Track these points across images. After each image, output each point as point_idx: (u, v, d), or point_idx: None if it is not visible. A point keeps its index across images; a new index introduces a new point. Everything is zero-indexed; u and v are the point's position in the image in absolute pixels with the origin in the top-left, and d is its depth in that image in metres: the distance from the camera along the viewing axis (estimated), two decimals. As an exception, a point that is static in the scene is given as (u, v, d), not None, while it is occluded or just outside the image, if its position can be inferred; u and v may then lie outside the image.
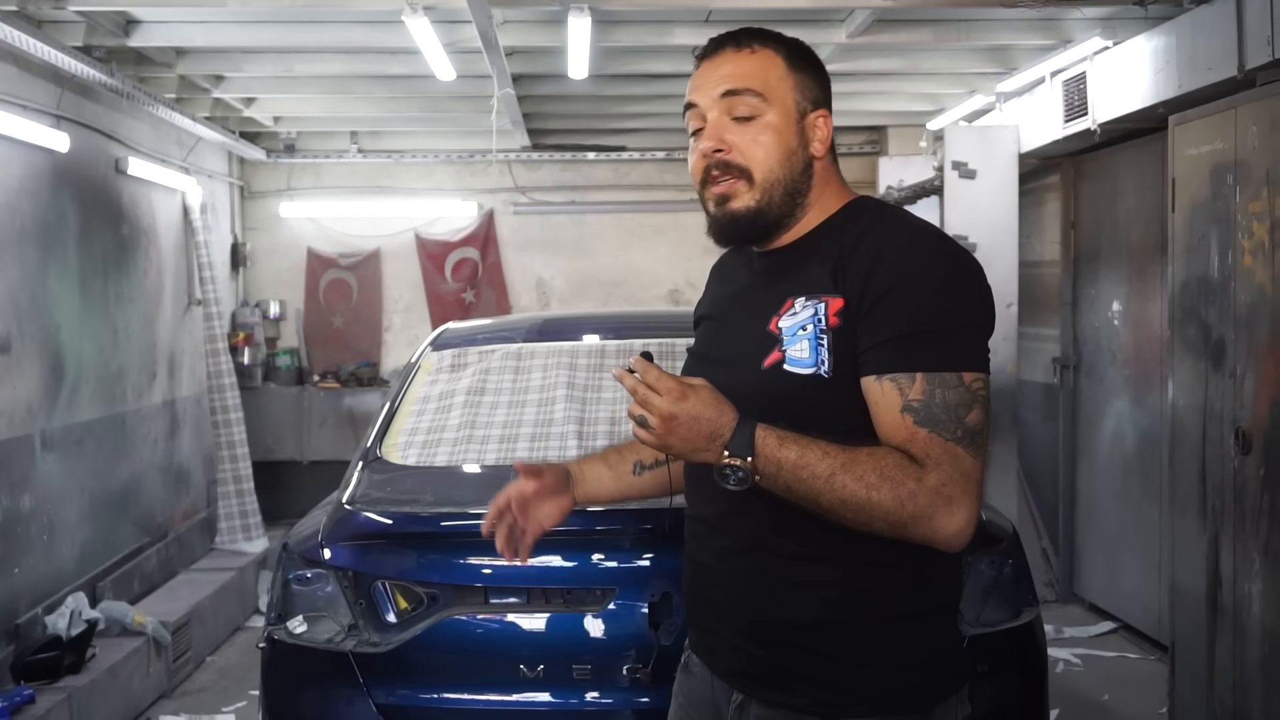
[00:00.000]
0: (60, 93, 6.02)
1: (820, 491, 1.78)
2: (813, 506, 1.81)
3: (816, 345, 1.88)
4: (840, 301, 1.88)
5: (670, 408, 1.77)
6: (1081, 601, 7.16)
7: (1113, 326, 6.77)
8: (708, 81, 1.99)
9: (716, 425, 1.78)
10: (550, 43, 6.01)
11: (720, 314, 2.15)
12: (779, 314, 1.93)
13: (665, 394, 1.77)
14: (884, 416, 1.83)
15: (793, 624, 1.92)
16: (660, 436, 1.79)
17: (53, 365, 5.91)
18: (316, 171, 9.90)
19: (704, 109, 1.99)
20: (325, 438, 9.54)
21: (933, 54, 6.70)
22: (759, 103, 1.96)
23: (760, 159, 1.96)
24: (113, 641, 5.61)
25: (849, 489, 1.77)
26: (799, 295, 1.93)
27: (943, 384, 1.82)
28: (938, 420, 1.80)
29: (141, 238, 7.24)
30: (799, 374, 1.89)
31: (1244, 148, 4.43)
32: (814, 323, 1.89)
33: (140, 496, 7.08)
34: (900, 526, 1.79)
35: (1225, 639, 4.57)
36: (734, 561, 1.99)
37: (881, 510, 1.77)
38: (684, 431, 1.78)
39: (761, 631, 1.95)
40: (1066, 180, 7.27)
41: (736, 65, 1.98)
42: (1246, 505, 4.41)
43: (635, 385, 1.79)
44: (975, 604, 3.08)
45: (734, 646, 2.00)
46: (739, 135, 1.96)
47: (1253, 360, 4.38)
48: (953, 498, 1.78)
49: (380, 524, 3.22)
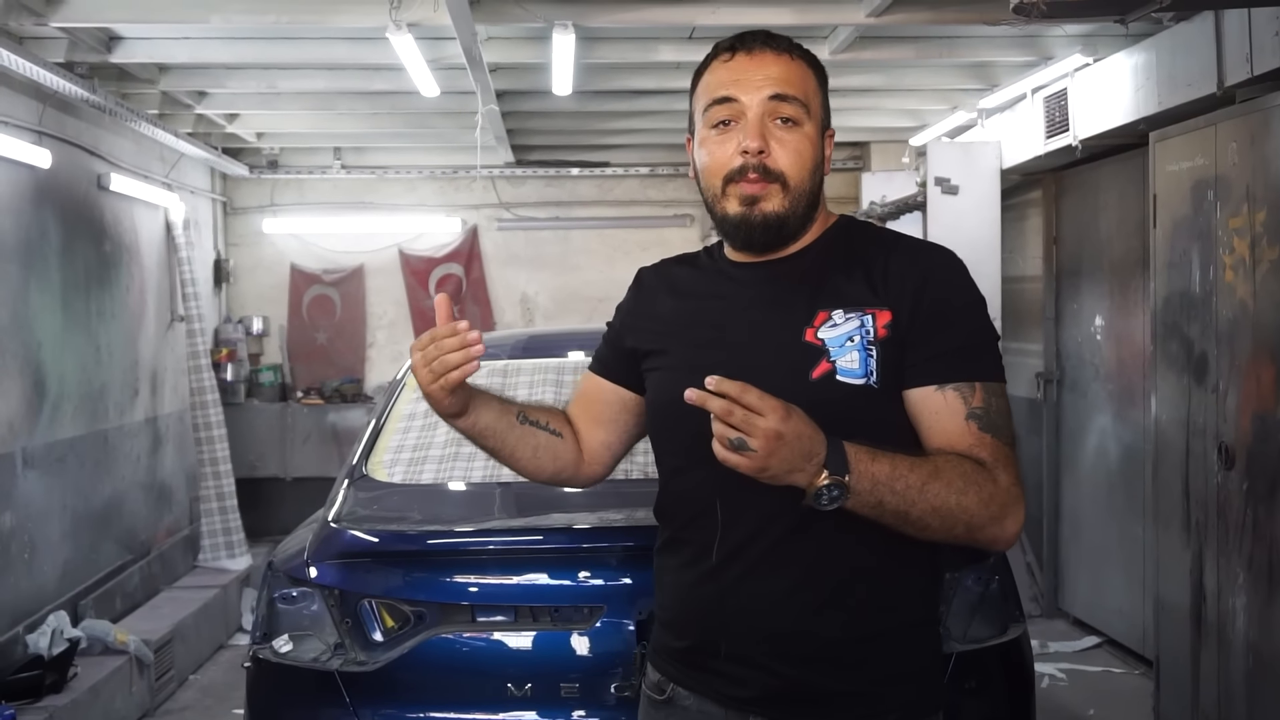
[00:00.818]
0: (42, 109, 6.00)
1: (914, 502, 1.78)
2: (897, 519, 1.80)
3: (866, 356, 1.89)
4: (889, 314, 1.90)
5: (778, 426, 1.67)
6: (1066, 616, 7.17)
7: (1095, 341, 6.80)
8: (751, 79, 1.95)
9: (814, 443, 1.72)
10: (534, 59, 6.02)
11: (711, 334, 2.02)
12: (813, 325, 1.92)
13: (770, 413, 1.67)
14: (947, 424, 1.88)
15: (825, 640, 1.92)
16: (762, 460, 1.68)
17: (34, 382, 5.88)
18: (300, 187, 9.89)
19: (745, 106, 1.94)
20: (309, 454, 9.51)
21: (915, 70, 6.73)
22: (801, 111, 1.96)
23: (797, 167, 1.95)
24: (95, 660, 5.58)
25: (941, 496, 1.79)
26: (834, 307, 1.93)
27: (995, 393, 1.90)
28: (996, 426, 1.88)
29: (124, 254, 7.21)
30: (851, 384, 1.89)
31: (1224, 164, 4.46)
32: (861, 334, 1.90)
33: (122, 514, 7.05)
34: (979, 529, 1.84)
35: (1210, 653, 4.58)
36: (761, 584, 1.93)
37: (967, 514, 1.82)
38: (787, 452, 1.69)
39: (792, 652, 1.92)
40: (1048, 196, 7.31)
41: (784, 70, 1.96)
42: (1230, 520, 4.43)
43: (728, 408, 1.67)
44: (962, 620, 3.08)
45: (760, 670, 1.94)
46: (781, 142, 1.94)
47: (1235, 375, 4.40)
48: (1018, 497, 1.88)
49: (366, 542, 3.21)
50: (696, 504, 1.98)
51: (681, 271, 2.17)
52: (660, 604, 2.13)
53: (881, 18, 5.11)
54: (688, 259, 2.19)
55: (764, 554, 1.92)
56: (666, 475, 2.10)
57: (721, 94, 1.96)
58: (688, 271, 2.16)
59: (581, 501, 3.47)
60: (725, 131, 1.96)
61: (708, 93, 1.99)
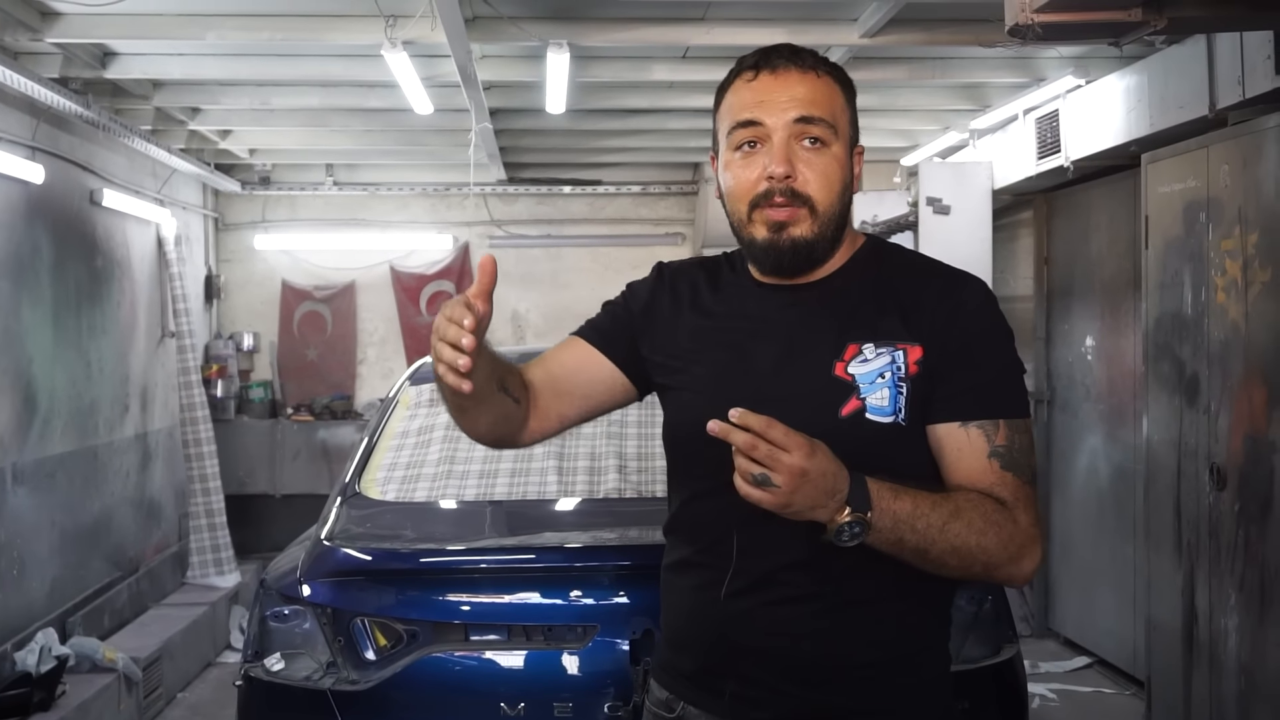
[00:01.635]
0: (36, 124, 5.99)
1: (933, 541, 1.77)
2: (916, 556, 1.79)
3: (896, 394, 1.86)
4: (919, 350, 1.87)
5: (804, 464, 1.64)
6: (1057, 636, 7.17)
7: (1086, 361, 6.82)
8: (776, 100, 1.89)
9: (837, 480, 1.69)
10: (528, 77, 6.03)
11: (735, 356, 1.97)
12: (843, 359, 1.88)
13: (795, 450, 1.64)
14: (970, 462, 1.85)
15: (839, 666, 1.90)
16: (786, 496, 1.65)
17: (25, 398, 5.86)
18: (291, 204, 9.88)
19: (771, 128, 1.88)
20: (298, 471, 9.48)
21: (908, 91, 6.76)
22: (829, 132, 1.91)
23: (825, 191, 1.90)
24: (83, 678, 5.54)
25: (961, 536, 1.78)
26: (865, 340, 1.88)
27: (1019, 430, 1.87)
28: (1018, 464, 1.86)
29: (115, 270, 7.20)
30: (880, 423, 1.85)
31: (1216, 186, 4.48)
32: (892, 370, 1.86)
33: (111, 530, 7.02)
34: (996, 568, 1.83)
35: (1201, 674, 4.58)
36: (786, 609, 1.89)
37: (986, 555, 1.80)
38: (810, 489, 1.66)
39: (808, 678, 1.90)
40: (1040, 216, 7.33)
41: (810, 90, 1.90)
42: (1221, 541, 4.44)
43: (753, 442, 1.63)
44: (956, 640, 3.06)
45: (775, 692, 1.90)
46: (807, 164, 1.89)
47: (1226, 396, 4.41)
48: (1036, 538, 1.85)
49: (359, 560, 3.19)
50: (714, 531, 1.93)
51: (705, 283, 2.08)
52: (668, 623, 2.08)
53: (875, 38, 5.14)
54: (710, 266, 2.11)
55: (779, 585, 1.89)
56: (684, 496, 2.04)
57: (745, 116, 1.90)
58: (711, 284, 2.08)
59: (575, 520, 3.47)
60: (750, 154, 1.90)
61: (731, 114, 1.93)
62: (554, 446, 3.66)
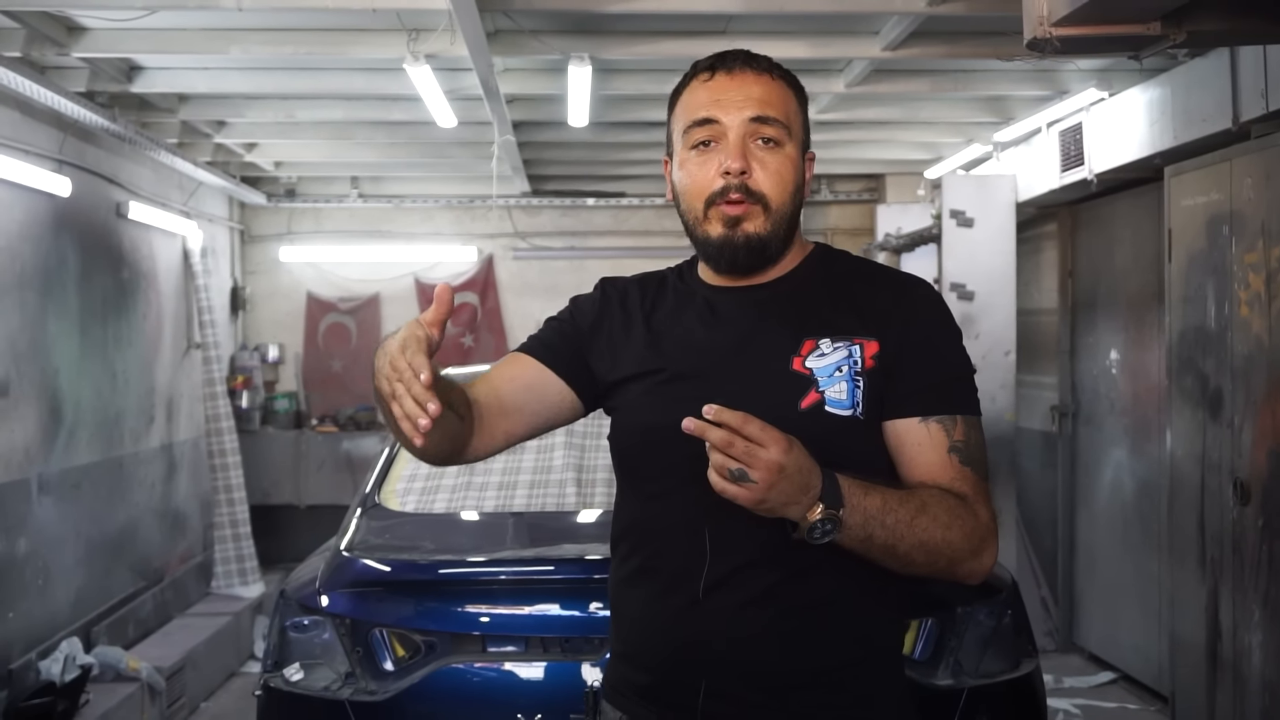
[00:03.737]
0: (63, 138, 6.05)
1: (902, 536, 1.78)
2: (884, 552, 1.79)
3: (853, 387, 1.87)
4: (876, 346, 1.89)
5: (781, 459, 1.64)
6: (1081, 651, 7.13)
7: (1110, 375, 6.79)
8: (732, 99, 1.92)
9: (811, 476, 1.69)
10: (551, 90, 6.05)
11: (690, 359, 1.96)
12: (801, 354, 1.89)
13: (772, 445, 1.64)
14: (929, 456, 1.87)
15: (805, 670, 1.88)
16: (762, 492, 1.65)
17: (51, 409, 5.91)
18: (317, 216, 9.94)
19: (727, 127, 1.91)
20: (323, 482, 9.51)
21: (930, 103, 6.75)
22: (783, 134, 1.93)
23: (778, 189, 1.92)
24: (107, 687, 5.58)
25: (928, 531, 1.79)
26: (822, 336, 1.90)
27: (974, 426, 1.91)
28: (975, 460, 1.89)
29: (141, 281, 7.26)
30: (839, 415, 1.87)
31: (1239, 199, 4.46)
32: (849, 364, 1.88)
33: (136, 541, 7.06)
34: (960, 563, 1.85)
35: (1225, 690, 4.55)
36: (742, 615, 1.86)
37: (952, 549, 1.82)
38: (786, 485, 1.66)
39: (773, 683, 1.87)
40: (1064, 229, 7.31)
41: (765, 90, 1.93)
42: (1245, 556, 4.41)
43: (728, 438, 1.63)
44: (974, 655, 3.07)
45: (738, 702, 1.87)
46: (763, 163, 1.91)
47: (1250, 410, 4.39)
48: (994, 530, 1.88)
49: (378, 571, 3.21)
50: (672, 532, 1.91)
51: (652, 294, 2.09)
52: (621, 638, 2.02)
53: (897, 51, 5.14)
54: (655, 280, 2.12)
55: (746, 585, 1.86)
56: (638, 502, 1.99)
57: (702, 115, 1.93)
58: (659, 295, 2.08)
59: (593, 532, 3.47)
60: (706, 153, 1.93)
61: (687, 113, 1.96)
62: (574, 458, 3.67)
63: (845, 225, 9.62)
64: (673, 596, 1.90)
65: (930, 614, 3.05)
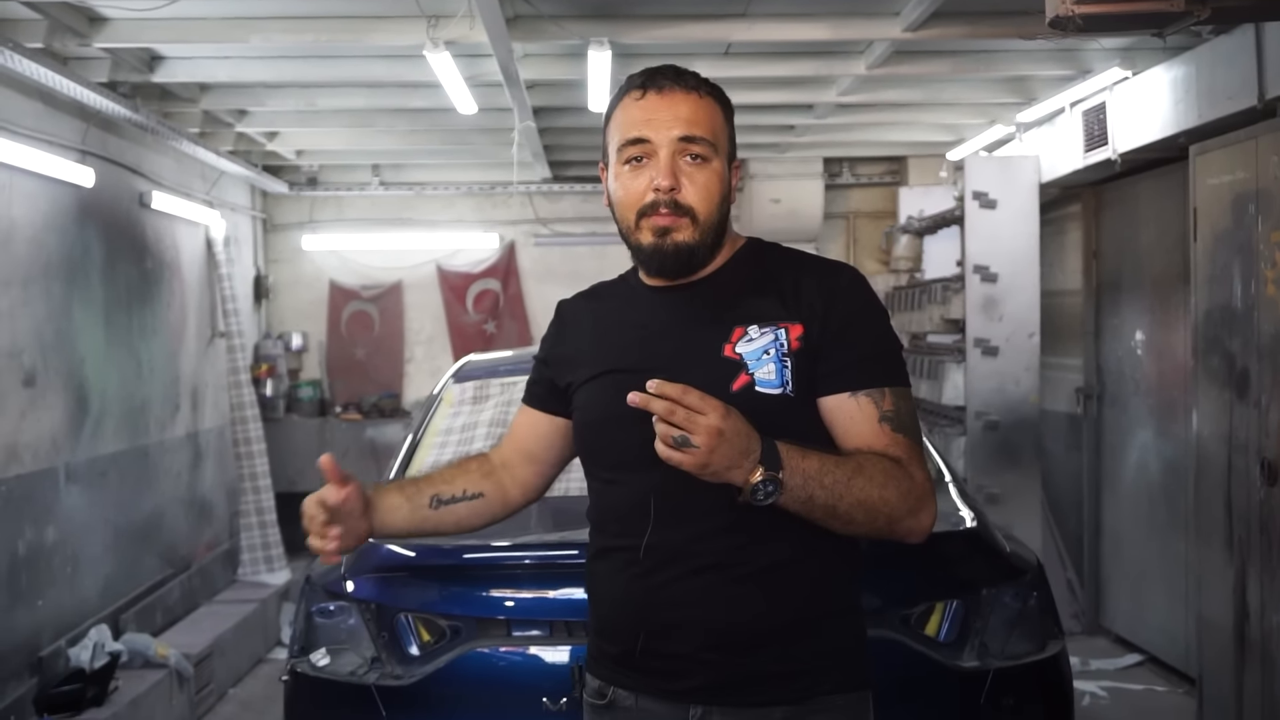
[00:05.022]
0: (86, 128, 6.08)
1: (840, 496, 1.91)
2: (825, 513, 1.92)
3: (781, 367, 2.01)
4: (800, 328, 2.03)
5: (719, 424, 1.80)
6: (1107, 633, 7.10)
7: (1136, 356, 6.75)
8: (662, 119, 2.06)
9: (750, 441, 1.85)
10: (571, 76, 6.04)
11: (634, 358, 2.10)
12: (730, 341, 2.04)
13: (711, 412, 1.80)
14: (862, 428, 2.01)
15: (766, 630, 2.02)
16: (705, 455, 1.80)
17: (77, 398, 5.95)
18: (338, 204, 9.96)
19: (657, 145, 2.06)
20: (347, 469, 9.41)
21: (952, 85, 6.71)
22: (710, 149, 2.07)
23: (705, 202, 2.06)
24: (135, 674, 5.62)
25: (865, 490, 1.92)
26: (749, 323, 2.04)
27: (903, 396, 2.05)
28: (906, 427, 2.02)
29: (165, 271, 7.29)
30: (769, 394, 2.01)
31: (1266, 177, 4.42)
32: (775, 346, 2.02)
33: (163, 529, 7.11)
34: (897, 521, 1.97)
35: (1253, 672, 4.53)
36: (702, 579, 2.01)
37: (889, 507, 1.94)
38: (727, 448, 1.81)
39: (736, 642, 2.01)
40: (1088, 209, 7.27)
41: (693, 110, 2.07)
42: (1273, 536, 4.38)
43: (670, 408, 1.79)
44: (1000, 636, 3.06)
45: (702, 663, 2.02)
46: (691, 179, 2.06)
47: (1277, 390, 4.35)
48: (930, 491, 2.01)
49: (403, 556, 3.22)
50: (627, 510, 2.07)
51: (600, 301, 2.28)
52: (594, 613, 2.20)
53: (918, 33, 5.11)
54: (605, 288, 2.31)
55: (694, 552, 2.02)
56: (599, 488, 2.17)
57: (634, 134, 2.08)
58: (607, 299, 2.27)
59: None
60: (638, 168, 2.08)
61: (620, 131, 2.11)
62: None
63: (867, 208, 9.58)
64: (630, 569, 2.07)
65: (956, 596, 3.04)
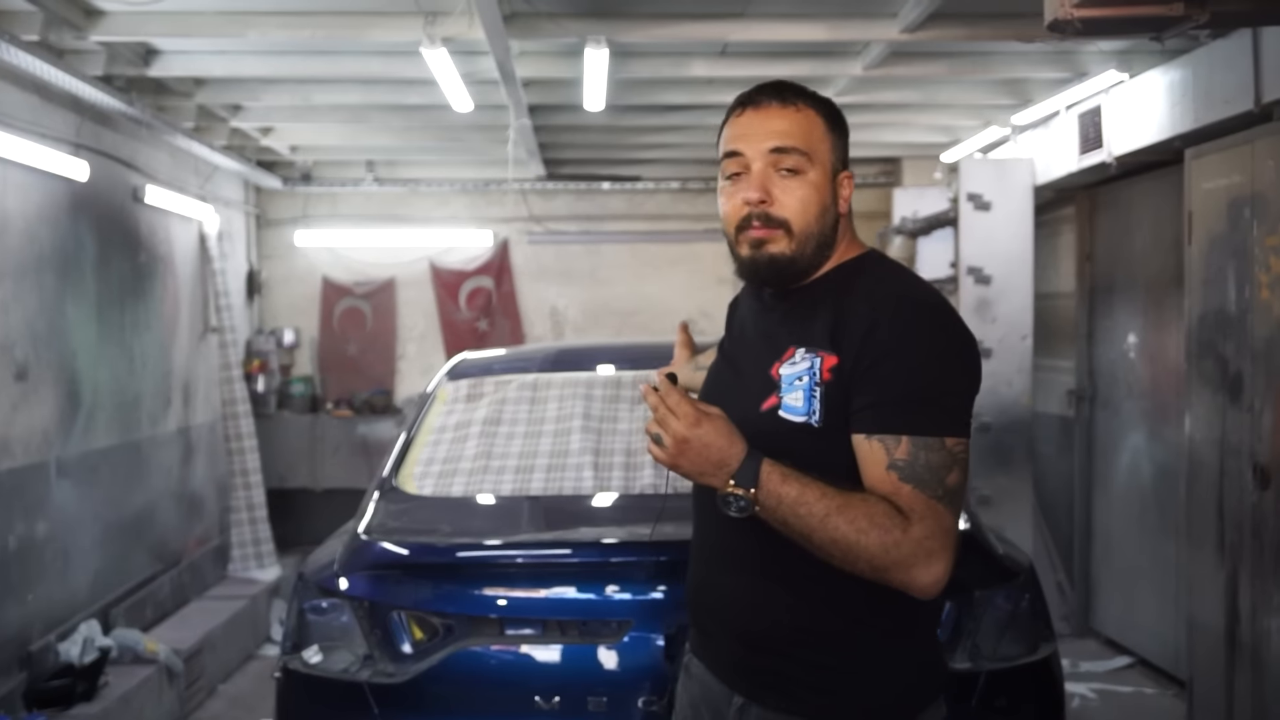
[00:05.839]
0: (80, 122, 6.06)
1: (814, 529, 1.92)
2: (803, 541, 1.94)
3: (810, 396, 2.03)
4: (834, 359, 2.02)
5: (685, 432, 1.91)
6: (1098, 636, 7.11)
7: (1129, 359, 6.76)
8: (755, 133, 2.09)
9: (725, 455, 1.92)
10: (567, 74, 6.04)
11: (732, 351, 2.29)
12: (780, 360, 2.08)
13: (682, 418, 1.92)
14: (870, 471, 1.97)
15: (787, 637, 2.06)
16: (671, 456, 1.93)
17: (69, 392, 5.93)
18: (333, 200, 9.95)
19: (750, 159, 2.09)
20: (339, 466, 9.55)
21: (948, 86, 6.72)
22: (804, 161, 2.08)
23: (800, 214, 2.08)
24: (125, 669, 5.61)
25: (840, 530, 1.91)
26: (800, 346, 2.07)
27: (926, 447, 1.95)
28: (921, 479, 1.94)
29: (158, 265, 7.28)
30: (791, 420, 2.04)
31: (1261, 181, 4.43)
32: (809, 375, 2.04)
33: (154, 524, 7.09)
34: (882, 571, 1.92)
35: (1244, 675, 4.53)
36: (732, 578, 2.13)
37: (867, 554, 1.91)
38: (694, 455, 1.92)
39: (759, 643, 2.08)
40: (1082, 212, 7.27)
41: (785, 122, 2.09)
42: (1265, 541, 4.39)
43: (657, 404, 1.93)
44: (992, 639, 3.06)
45: (734, 653, 2.13)
46: (783, 190, 2.08)
47: (1271, 394, 4.36)
48: (933, 551, 1.92)
49: (396, 554, 3.22)
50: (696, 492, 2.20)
51: (744, 297, 2.36)
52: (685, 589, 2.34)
53: (915, 34, 5.11)
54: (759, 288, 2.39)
55: (729, 546, 2.12)
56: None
57: (730, 149, 2.12)
58: (745, 297, 2.35)
59: (611, 516, 3.47)
60: (736, 183, 2.12)
61: (722, 147, 2.16)
62: (591, 441, 3.67)
63: (862, 209, 9.49)
64: (698, 550, 2.25)
65: (948, 598, 3.04)
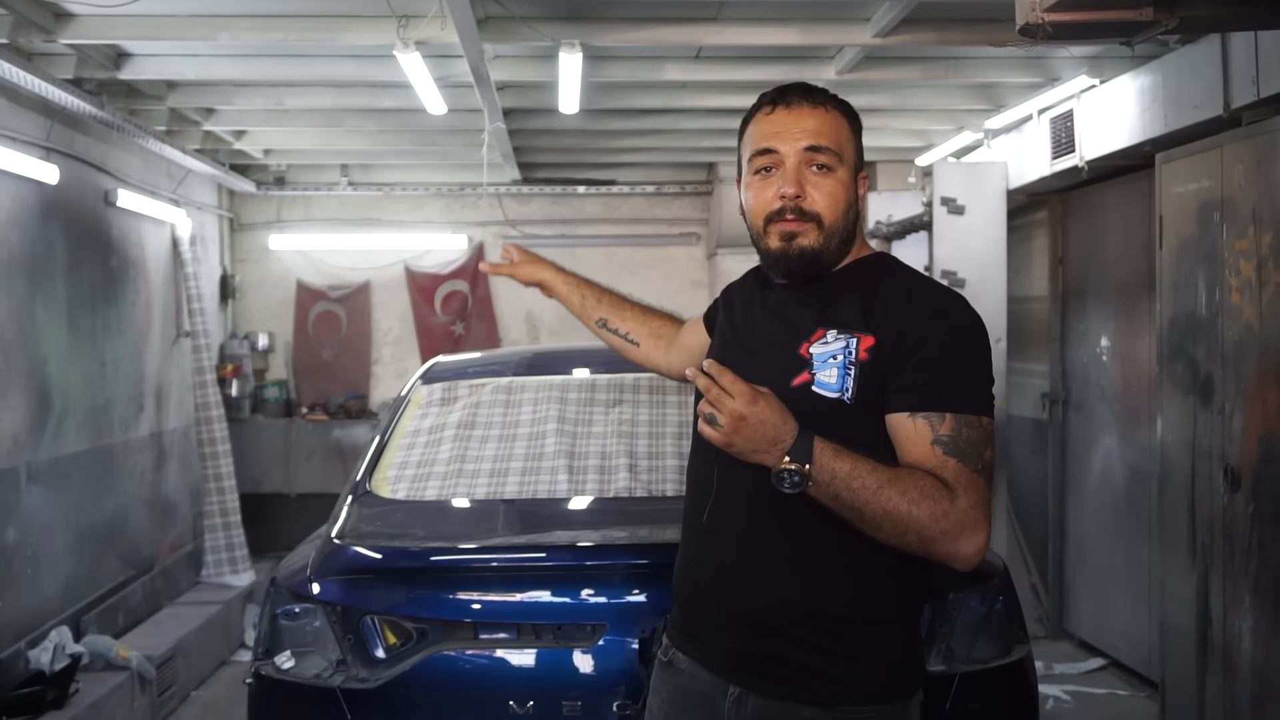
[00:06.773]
0: (50, 125, 6.02)
1: (867, 502, 1.97)
2: (854, 515, 2.00)
3: (844, 374, 2.12)
4: (871, 340, 2.12)
5: (742, 409, 1.94)
6: (1071, 637, 7.15)
7: (1101, 362, 6.80)
8: (789, 131, 2.22)
9: (780, 431, 1.96)
10: (541, 78, 6.03)
11: (738, 335, 2.38)
12: (810, 340, 2.17)
13: (738, 396, 1.94)
14: (915, 448, 2.06)
15: (793, 619, 2.11)
16: (727, 435, 1.95)
17: (39, 397, 5.89)
18: (306, 204, 9.91)
19: (784, 155, 2.21)
20: (313, 470, 9.50)
21: (921, 91, 6.74)
22: (834, 159, 2.22)
23: (830, 209, 2.21)
24: (96, 676, 5.57)
25: (894, 502, 1.97)
26: (831, 328, 2.17)
27: (968, 424, 2.07)
28: (964, 453, 2.05)
29: (130, 269, 7.23)
30: (824, 396, 2.12)
31: (1230, 186, 4.46)
32: (844, 354, 2.13)
33: (126, 529, 7.04)
34: (931, 541, 2.00)
35: (1215, 676, 4.56)
36: (738, 559, 2.17)
37: (918, 525, 1.98)
38: (749, 433, 1.95)
39: (764, 624, 2.13)
40: (1054, 216, 7.31)
41: (817, 121, 2.22)
42: (1236, 542, 4.42)
43: (709, 385, 1.96)
44: (966, 641, 3.07)
45: (735, 639, 2.16)
46: (815, 186, 2.21)
47: (1241, 397, 4.39)
48: (977, 520, 2.02)
49: (369, 558, 3.20)
50: (695, 477, 2.30)
51: (742, 285, 2.50)
52: (674, 579, 2.39)
53: (888, 39, 5.13)
54: (749, 275, 2.50)
55: (740, 527, 2.17)
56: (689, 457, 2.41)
57: (763, 145, 2.24)
58: (747, 285, 2.48)
59: (585, 519, 3.47)
60: (767, 178, 2.24)
61: (752, 143, 2.27)
62: (565, 444, 3.67)
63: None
64: (689, 537, 2.30)
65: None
